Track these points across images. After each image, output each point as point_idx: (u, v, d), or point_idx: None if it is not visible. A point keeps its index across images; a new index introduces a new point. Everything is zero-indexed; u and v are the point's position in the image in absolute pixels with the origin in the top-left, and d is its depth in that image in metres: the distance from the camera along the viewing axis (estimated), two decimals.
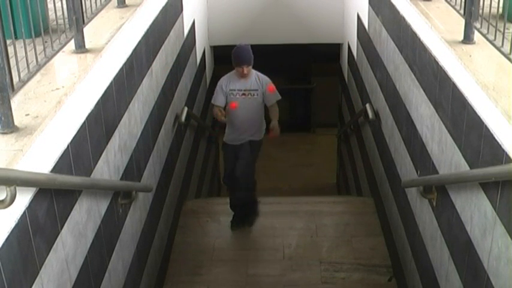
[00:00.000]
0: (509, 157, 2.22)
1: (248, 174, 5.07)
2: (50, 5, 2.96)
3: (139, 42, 3.82)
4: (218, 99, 4.91)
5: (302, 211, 5.30)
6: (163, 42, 4.64)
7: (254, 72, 4.89)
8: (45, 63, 2.44)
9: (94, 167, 2.85)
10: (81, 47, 2.92)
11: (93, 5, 3.24)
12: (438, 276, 3.30)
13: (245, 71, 4.77)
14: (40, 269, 2.18)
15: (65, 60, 2.82)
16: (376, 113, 5.25)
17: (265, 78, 4.93)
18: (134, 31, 3.74)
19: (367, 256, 4.84)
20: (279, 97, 4.96)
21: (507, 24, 2.94)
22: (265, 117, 5.08)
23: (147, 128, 4.02)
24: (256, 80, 4.88)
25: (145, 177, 3.96)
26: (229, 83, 4.89)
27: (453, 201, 2.97)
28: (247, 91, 4.86)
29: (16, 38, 2.39)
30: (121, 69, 3.36)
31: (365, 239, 5.06)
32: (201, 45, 7.00)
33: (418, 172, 3.72)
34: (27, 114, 2.22)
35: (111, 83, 3.15)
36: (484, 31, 2.73)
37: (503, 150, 2.28)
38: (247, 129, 4.93)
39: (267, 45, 7.74)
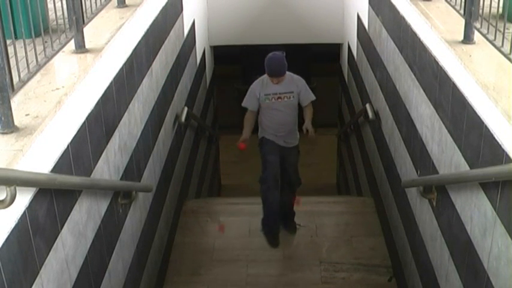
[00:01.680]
0: (509, 157, 2.22)
1: (298, 177, 5.10)
2: (50, 5, 2.96)
3: (139, 42, 3.82)
4: (251, 104, 4.84)
5: (302, 211, 5.29)
6: (163, 42, 4.64)
7: (288, 73, 4.78)
8: (45, 63, 2.44)
9: (94, 167, 2.85)
10: (81, 47, 2.92)
11: (93, 5, 3.24)
12: (438, 276, 3.30)
13: (275, 81, 4.70)
14: (40, 269, 2.18)
15: (65, 60, 2.82)
16: (376, 113, 5.25)
17: (299, 79, 4.86)
18: (134, 31, 3.74)
19: (367, 256, 4.84)
20: (314, 97, 4.90)
21: (507, 24, 2.93)
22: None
23: (147, 128, 4.02)
24: (290, 81, 4.80)
25: (145, 177, 3.96)
26: (263, 88, 4.79)
27: (453, 201, 2.97)
28: (283, 94, 4.77)
29: (16, 38, 2.39)
30: (121, 69, 3.36)
31: (365, 239, 5.06)
32: (201, 45, 6.99)
33: (418, 172, 3.72)
34: (27, 114, 2.22)
35: (111, 83, 3.15)
36: (484, 31, 2.73)
37: (503, 150, 2.28)
38: (283, 133, 4.85)
39: (267, 45, 7.74)
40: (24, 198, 2.04)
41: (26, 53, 2.22)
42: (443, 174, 3.18)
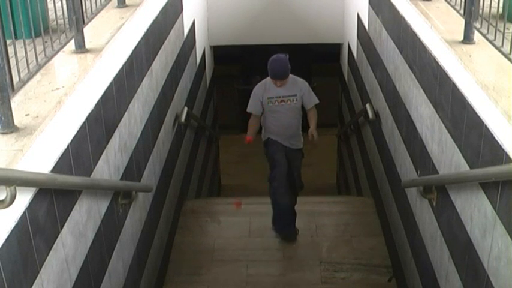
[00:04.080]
0: (509, 157, 2.22)
1: (301, 181, 5.11)
2: (50, 5, 2.96)
3: (139, 42, 3.82)
4: (255, 108, 4.81)
5: (302, 211, 5.29)
6: (163, 42, 4.64)
7: (291, 76, 4.76)
8: (45, 63, 2.44)
9: (94, 167, 2.85)
10: (81, 47, 2.92)
11: (93, 5, 3.24)
12: (438, 276, 3.30)
13: (278, 84, 4.67)
14: (40, 269, 2.18)
15: (65, 60, 2.82)
16: (376, 113, 5.25)
17: (303, 82, 4.83)
18: (134, 31, 3.74)
19: (367, 256, 4.84)
20: (317, 101, 4.88)
21: (507, 24, 2.94)
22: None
23: (147, 128, 4.02)
24: (294, 84, 4.77)
25: (145, 177, 3.96)
26: (265, 91, 4.77)
27: (453, 201, 2.97)
28: (286, 97, 4.75)
29: (16, 38, 2.39)
30: (121, 69, 3.36)
31: (365, 239, 5.06)
32: (201, 45, 6.99)
33: (418, 172, 3.72)
34: (27, 114, 2.22)
35: (111, 83, 3.15)
36: (484, 31, 2.73)
37: (503, 150, 2.28)
38: (287, 136, 4.84)
39: (267, 45, 7.75)
40: (24, 198, 2.04)
41: (26, 53, 2.22)
42: (443, 174, 3.18)
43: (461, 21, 3.03)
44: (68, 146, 2.48)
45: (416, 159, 3.78)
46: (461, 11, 3.04)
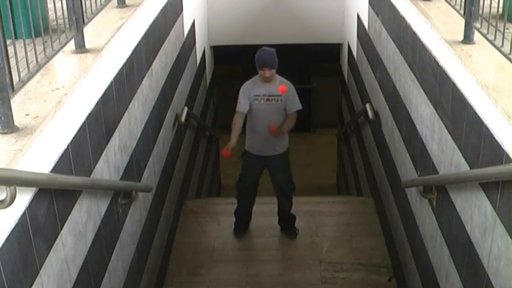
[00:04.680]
0: (509, 157, 2.22)
1: (291, 183, 5.05)
2: (50, 5, 2.96)
3: (139, 42, 3.82)
4: (242, 106, 4.77)
5: (302, 211, 5.30)
6: (163, 42, 4.64)
7: (279, 77, 4.74)
8: (45, 63, 2.44)
9: (94, 167, 2.85)
10: (81, 47, 2.92)
11: (93, 5, 3.24)
12: (438, 276, 3.30)
13: (267, 74, 4.60)
14: (40, 269, 2.18)
15: (65, 60, 2.82)
16: (376, 113, 5.25)
17: (289, 84, 4.79)
18: (134, 31, 3.74)
19: (367, 256, 4.84)
20: (300, 107, 4.79)
21: (507, 24, 2.94)
22: None
23: (147, 128, 4.02)
24: (281, 84, 4.74)
25: (145, 177, 3.96)
26: (253, 89, 4.73)
27: (453, 201, 2.97)
28: (272, 96, 4.71)
29: (16, 38, 2.39)
30: (121, 69, 3.36)
31: (365, 239, 5.06)
32: (201, 45, 7.00)
33: (418, 172, 3.72)
34: (27, 114, 2.22)
35: (111, 83, 3.15)
36: (484, 31, 2.73)
37: (503, 150, 2.28)
38: (269, 136, 4.78)
39: (267, 45, 7.73)
40: (24, 198, 2.04)
41: (26, 53, 2.22)
42: (443, 174, 3.18)
43: (461, 21, 3.03)
44: (68, 146, 2.48)
45: (416, 159, 3.78)
46: (461, 11, 3.05)
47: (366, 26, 5.79)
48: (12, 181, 1.79)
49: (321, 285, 4.55)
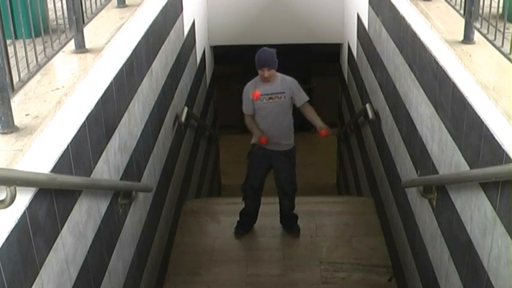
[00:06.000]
0: (509, 157, 2.22)
1: (293, 184, 5.04)
2: (50, 5, 2.96)
3: (139, 42, 3.82)
4: (248, 107, 4.81)
5: (302, 211, 5.30)
6: (163, 42, 4.64)
7: (280, 75, 4.78)
8: (45, 63, 2.44)
9: (94, 167, 2.85)
10: (81, 47, 2.92)
11: (93, 5, 3.24)
12: (438, 276, 3.30)
13: (266, 74, 4.64)
14: (40, 269, 2.18)
15: (65, 60, 2.82)
16: (376, 113, 5.25)
17: (292, 80, 4.82)
18: (134, 31, 3.74)
19: (367, 256, 4.84)
20: (307, 98, 4.86)
21: (507, 24, 2.94)
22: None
23: (147, 128, 4.02)
24: (282, 82, 4.77)
25: (145, 177, 3.96)
26: (254, 89, 4.77)
27: (453, 201, 2.97)
28: (274, 94, 4.74)
29: (16, 38, 2.39)
30: (121, 69, 3.36)
31: (365, 239, 5.06)
32: (201, 45, 7.00)
33: (418, 172, 3.72)
34: (27, 114, 2.22)
35: (111, 83, 3.15)
36: (484, 31, 2.73)
37: (503, 150, 2.28)
38: (276, 134, 4.81)
39: (267, 45, 7.73)
40: (24, 198, 2.04)
41: (26, 53, 2.22)
42: (443, 174, 3.18)
43: (461, 21, 3.03)
44: (68, 146, 2.48)
45: (416, 159, 3.78)
46: (461, 11, 3.04)
47: (366, 26, 5.79)
48: (12, 181, 1.79)
49: (321, 285, 4.55)
